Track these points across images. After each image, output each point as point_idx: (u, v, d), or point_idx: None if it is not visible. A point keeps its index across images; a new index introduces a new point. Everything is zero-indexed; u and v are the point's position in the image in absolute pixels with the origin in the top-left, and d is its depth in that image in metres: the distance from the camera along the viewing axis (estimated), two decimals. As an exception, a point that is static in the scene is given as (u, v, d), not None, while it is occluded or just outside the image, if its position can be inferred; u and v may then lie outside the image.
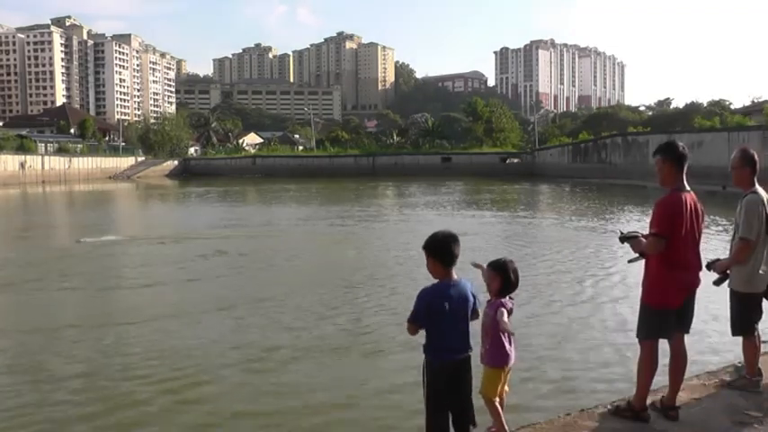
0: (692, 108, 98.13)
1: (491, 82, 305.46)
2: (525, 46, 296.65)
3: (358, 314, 9.67)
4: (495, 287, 4.02)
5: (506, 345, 4.03)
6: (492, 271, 4.06)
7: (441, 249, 3.66)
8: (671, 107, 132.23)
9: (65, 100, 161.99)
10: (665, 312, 4.25)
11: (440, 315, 3.61)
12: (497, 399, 4.06)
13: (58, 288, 12.23)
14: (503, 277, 4.00)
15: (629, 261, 4.54)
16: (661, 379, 4.46)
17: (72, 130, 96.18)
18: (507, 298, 4.03)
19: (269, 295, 11.06)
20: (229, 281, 12.57)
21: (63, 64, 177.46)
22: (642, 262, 4.37)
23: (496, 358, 4.02)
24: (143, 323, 9.20)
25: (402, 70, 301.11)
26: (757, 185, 4.83)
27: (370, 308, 10.03)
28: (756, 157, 4.90)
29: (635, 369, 4.45)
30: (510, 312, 4.03)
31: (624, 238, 4.36)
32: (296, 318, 9.45)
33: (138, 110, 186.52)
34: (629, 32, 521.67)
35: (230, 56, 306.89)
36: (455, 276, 3.70)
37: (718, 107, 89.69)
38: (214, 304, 10.33)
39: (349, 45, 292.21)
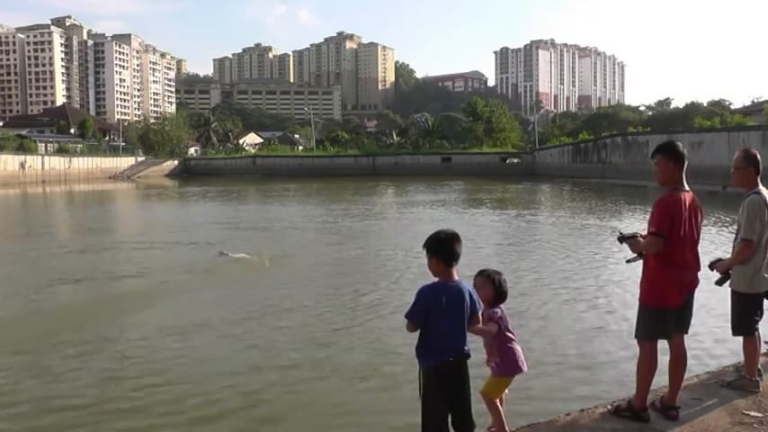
0: (692, 108, 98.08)
1: (491, 82, 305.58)
2: (525, 46, 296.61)
3: (375, 323, 9.17)
4: (485, 295, 3.94)
5: (517, 352, 3.99)
6: (483, 278, 4.00)
7: (443, 248, 3.65)
8: (671, 107, 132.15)
9: (65, 100, 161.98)
10: (664, 313, 4.25)
11: (438, 314, 3.59)
12: (498, 399, 4.06)
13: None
14: (494, 286, 3.96)
15: (627, 261, 4.53)
16: (661, 379, 4.46)
17: (72, 130, 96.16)
18: (499, 308, 4.00)
19: (280, 305, 10.38)
20: (237, 287, 12.03)
21: (63, 64, 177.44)
22: (641, 262, 4.37)
23: (509, 368, 3.99)
24: (142, 339, 8.48)
25: (402, 70, 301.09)
26: (760, 186, 4.82)
27: (387, 315, 9.57)
28: (759, 157, 4.89)
29: (635, 369, 4.44)
30: (503, 319, 3.99)
31: (622, 238, 4.36)
32: (308, 331, 8.83)
33: (138, 110, 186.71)
34: (629, 32, 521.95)
35: (230, 56, 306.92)
36: (456, 276, 3.68)
37: (719, 107, 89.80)
38: (222, 315, 9.79)
39: (349, 45, 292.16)
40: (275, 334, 8.76)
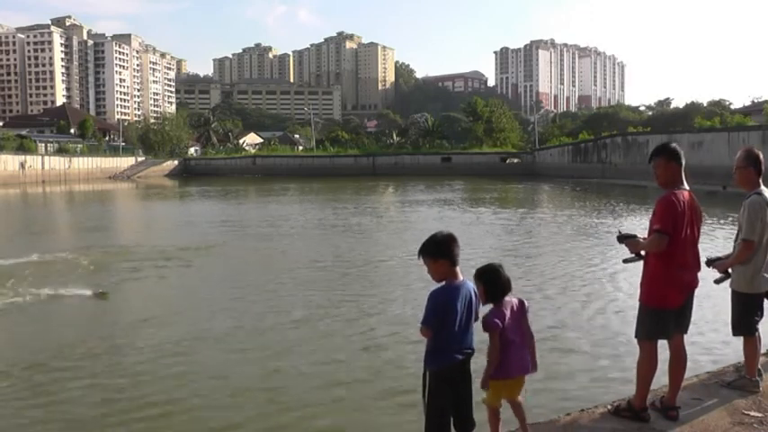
0: (692, 108, 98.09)
1: (491, 82, 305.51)
2: (525, 46, 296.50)
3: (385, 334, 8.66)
4: (480, 294, 3.84)
5: (513, 354, 3.83)
6: (474, 278, 3.89)
7: (446, 249, 3.65)
8: (671, 107, 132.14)
9: (65, 100, 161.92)
10: (664, 313, 4.24)
11: (451, 316, 3.60)
12: (500, 407, 3.98)
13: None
14: (483, 282, 3.86)
15: (624, 261, 4.52)
16: (661, 379, 4.45)
17: (72, 130, 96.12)
18: (509, 301, 3.88)
19: (289, 314, 9.79)
20: (240, 292, 11.54)
21: (63, 64, 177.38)
22: (639, 262, 4.36)
23: (501, 371, 3.85)
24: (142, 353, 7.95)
25: (402, 70, 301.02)
26: (762, 186, 4.81)
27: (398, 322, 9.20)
28: (762, 157, 4.88)
29: (635, 369, 4.45)
30: (507, 318, 3.83)
31: (622, 238, 4.36)
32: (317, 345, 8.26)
33: (138, 110, 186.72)
34: (629, 32, 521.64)
35: (230, 56, 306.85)
36: (461, 276, 3.69)
37: (719, 107, 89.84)
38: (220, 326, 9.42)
39: (349, 45, 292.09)
40: (290, 344, 8.31)
